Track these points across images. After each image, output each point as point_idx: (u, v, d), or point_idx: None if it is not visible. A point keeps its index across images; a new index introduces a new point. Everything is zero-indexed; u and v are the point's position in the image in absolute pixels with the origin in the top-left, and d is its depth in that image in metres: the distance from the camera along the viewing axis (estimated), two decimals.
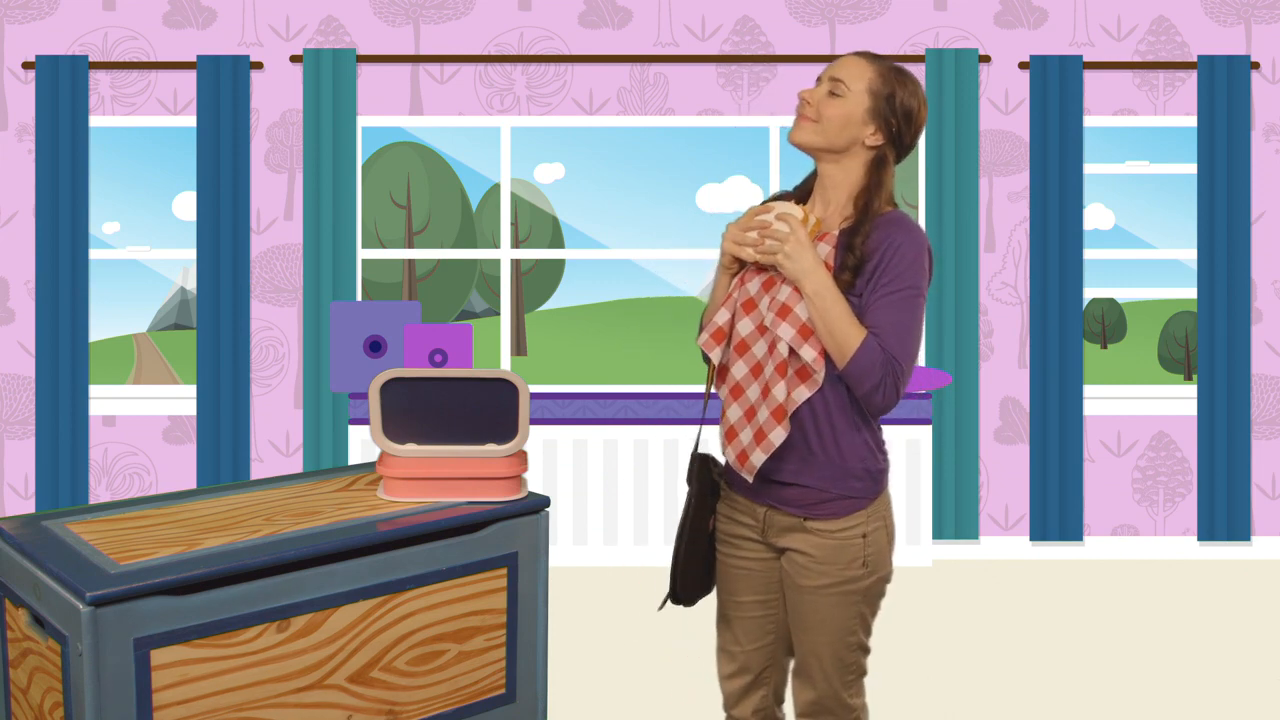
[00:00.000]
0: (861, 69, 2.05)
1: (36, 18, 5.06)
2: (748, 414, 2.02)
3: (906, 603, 4.37)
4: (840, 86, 2.03)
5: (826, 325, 1.94)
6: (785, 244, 1.96)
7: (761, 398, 2.00)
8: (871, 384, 1.94)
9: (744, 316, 2.05)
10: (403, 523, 2.00)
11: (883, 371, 1.94)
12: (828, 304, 1.94)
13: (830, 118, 2.03)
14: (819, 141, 2.04)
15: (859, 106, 2.03)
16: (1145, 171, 5.25)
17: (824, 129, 2.03)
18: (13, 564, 1.88)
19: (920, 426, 4.84)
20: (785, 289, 1.99)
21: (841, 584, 2.04)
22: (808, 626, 2.08)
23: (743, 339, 2.05)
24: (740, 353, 2.05)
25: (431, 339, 3.87)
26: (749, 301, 2.05)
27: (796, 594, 2.08)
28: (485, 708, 2.11)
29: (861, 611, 2.08)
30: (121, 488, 5.08)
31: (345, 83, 5.00)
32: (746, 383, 2.04)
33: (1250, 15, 5.07)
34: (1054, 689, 3.50)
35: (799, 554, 2.06)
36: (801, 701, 2.14)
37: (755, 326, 2.04)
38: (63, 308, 4.99)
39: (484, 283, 31.44)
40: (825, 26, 5.08)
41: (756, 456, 1.99)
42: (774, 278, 2.03)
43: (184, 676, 1.74)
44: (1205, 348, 5.00)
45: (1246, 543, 5.00)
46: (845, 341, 1.94)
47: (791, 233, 1.97)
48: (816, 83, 2.11)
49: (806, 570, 2.05)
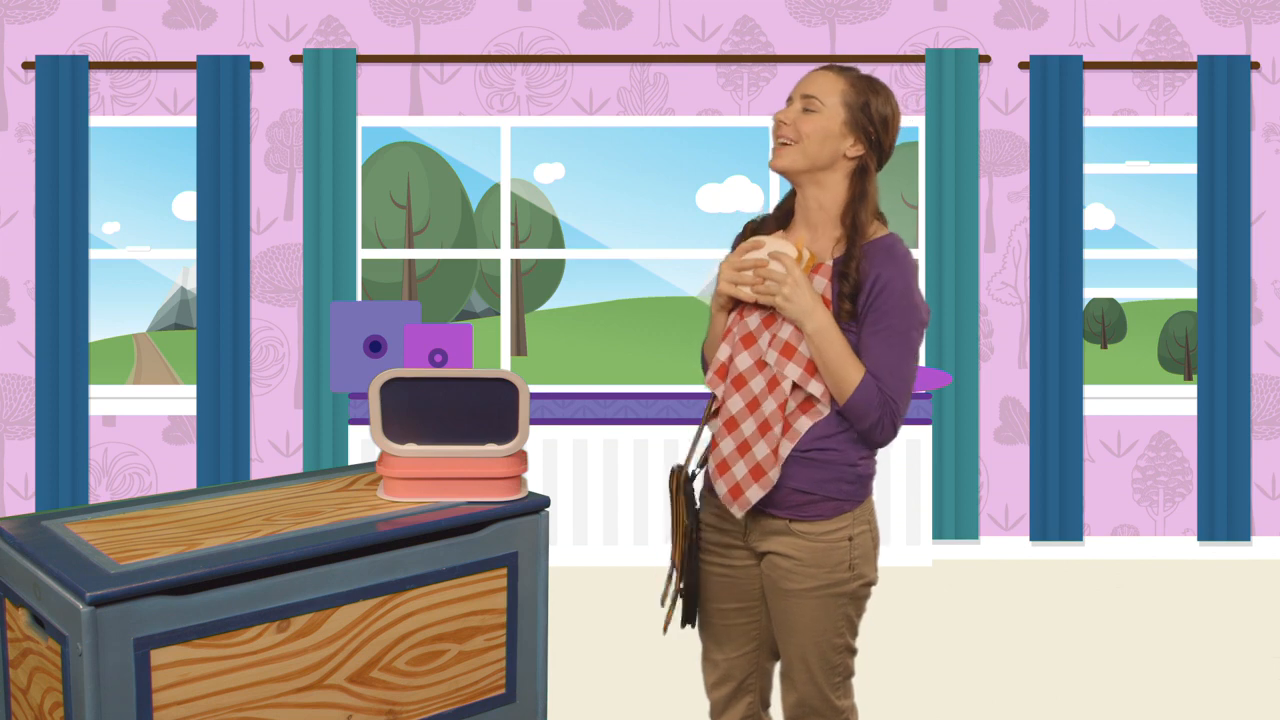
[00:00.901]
0: (832, 82, 2.05)
1: (36, 18, 5.06)
2: (741, 448, 2.02)
3: (906, 603, 4.37)
4: (814, 102, 2.03)
5: (826, 364, 1.98)
6: (784, 286, 1.97)
7: (759, 434, 2.01)
8: (871, 422, 1.99)
9: (742, 351, 2.06)
10: (403, 523, 2.00)
11: (880, 411, 1.98)
12: (828, 342, 1.97)
13: (810, 134, 2.02)
14: (802, 163, 2.04)
15: (836, 119, 2.03)
16: (1145, 171, 5.25)
17: (805, 148, 2.03)
18: (13, 564, 1.88)
19: (920, 426, 4.84)
20: (787, 327, 2.01)
21: (826, 587, 2.04)
22: (793, 630, 2.08)
23: (740, 374, 2.05)
24: (738, 387, 2.05)
25: (431, 339, 3.87)
26: (748, 336, 2.06)
27: (781, 598, 2.08)
28: (485, 708, 2.11)
29: (847, 614, 2.07)
30: (121, 488, 5.08)
31: (345, 83, 5.00)
32: (742, 417, 2.03)
33: (1250, 15, 5.07)
34: (1054, 689, 3.50)
35: (783, 557, 2.06)
36: (789, 705, 2.14)
37: (754, 362, 2.05)
38: (63, 308, 4.99)
39: (484, 283, 31.45)
40: (825, 26, 5.08)
41: (753, 492, 2.00)
42: (774, 315, 2.04)
43: (184, 676, 1.74)
44: (1205, 348, 5.00)
45: (1246, 543, 5.00)
46: (844, 380, 1.98)
47: (788, 273, 1.97)
48: (787, 103, 2.09)
49: (791, 574, 2.05)
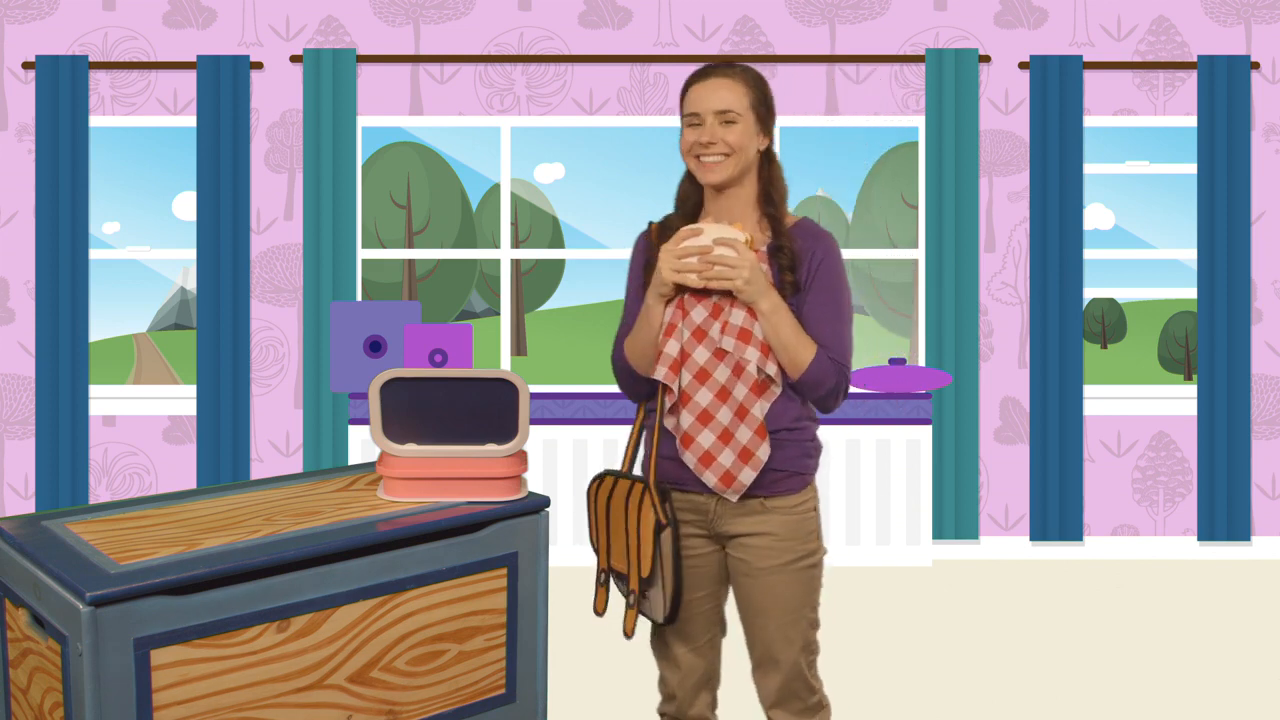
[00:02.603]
0: (738, 91, 2.11)
1: (36, 18, 5.06)
2: (723, 437, 2.06)
3: (906, 603, 4.37)
4: (731, 114, 2.09)
5: (783, 340, 2.05)
6: (741, 269, 2.01)
7: (738, 419, 2.06)
8: (828, 389, 2.08)
9: (697, 345, 2.08)
10: (403, 523, 2.00)
11: (836, 378, 2.08)
12: (783, 319, 2.05)
13: (739, 145, 2.10)
14: (737, 171, 2.12)
15: (750, 124, 2.12)
16: (1145, 171, 5.25)
17: (739, 158, 2.11)
18: (13, 564, 1.88)
19: (920, 426, 4.84)
20: (737, 313, 2.05)
21: (800, 559, 2.12)
22: (771, 610, 2.12)
23: (701, 367, 2.08)
24: (702, 380, 2.08)
25: (431, 339, 3.88)
26: (698, 330, 2.08)
27: (755, 579, 2.12)
28: (485, 708, 2.11)
29: (816, 585, 2.16)
30: (121, 488, 5.08)
31: (345, 83, 5.00)
32: (714, 408, 2.07)
33: (1250, 15, 5.07)
34: (1054, 689, 3.50)
35: (759, 535, 2.11)
36: (770, 690, 2.17)
37: (711, 353, 2.08)
38: (63, 308, 4.99)
39: (484, 283, 31.45)
40: (825, 26, 5.08)
41: (745, 474, 2.06)
42: (719, 303, 2.07)
43: (184, 676, 1.74)
44: (1205, 348, 5.00)
45: (1246, 543, 5.00)
46: (800, 353, 2.06)
47: (741, 257, 2.01)
48: (691, 123, 2.12)
49: (767, 551, 2.10)
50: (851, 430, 4.85)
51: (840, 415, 4.86)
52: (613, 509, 2.15)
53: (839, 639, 3.96)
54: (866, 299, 25.21)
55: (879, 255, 5.27)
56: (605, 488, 2.18)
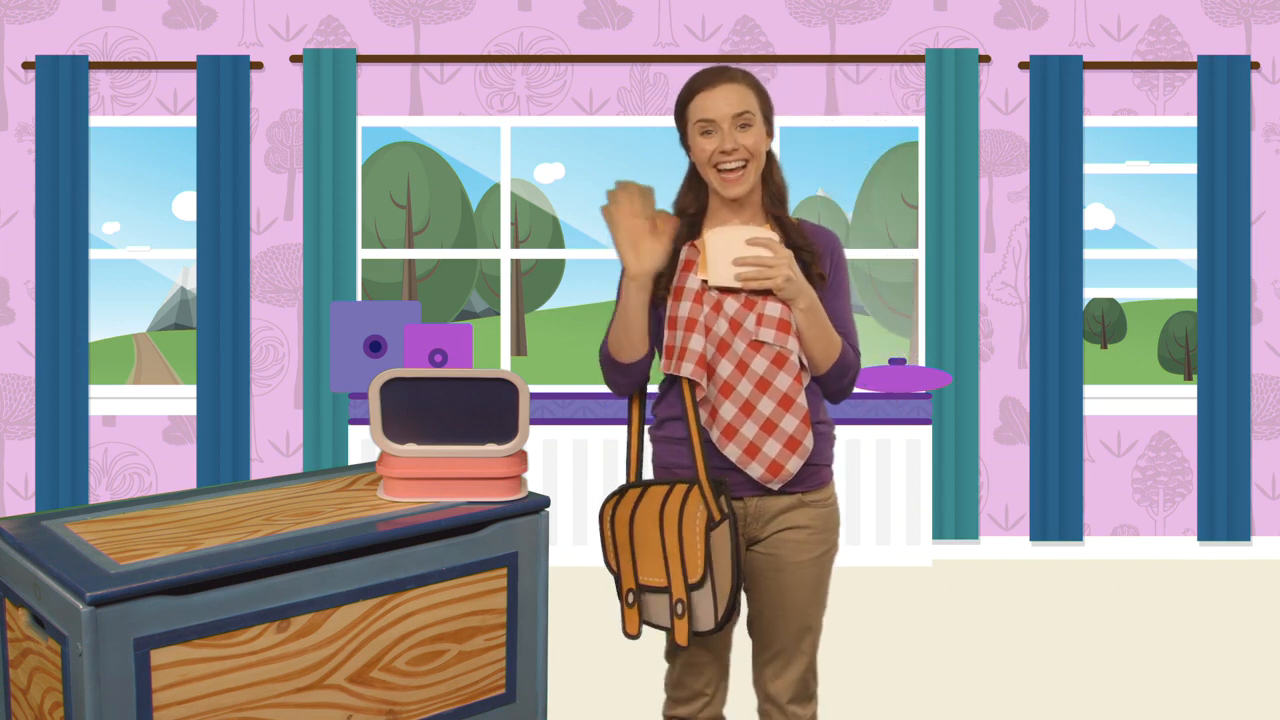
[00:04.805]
0: (746, 95, 2.08)
1: (36, 18, 5.06)
2: (766, 427, 2.05)
3: (906, 603, 4.37)
4: (747, 116, 2.07)
5: (822, 332, 2.07)
6: (781, 268, 2.01)
7: (782, 410, 2.05)
8: (849, 379, 2.13)
9: (734, 336, 2.06)
10: (403, 523, 2.00)
11: (855, 369, 2.15)
12: (821, 312, 2.07)
13: (757, 150, 2.09)
14: (757, 178, 2.11)
15: (762, 127, 2.10)
16: (1145, 171, 5.25)
17: (757, 164, 2.10)
18: (13, 564, 1.88)
19: (920, 426, 4.84)
20: (773, 305, 2.04)
21: (828, 552, 2.17)
22: (796, 603, 2.14)
23: (740, 358, 2.06)
24: (742, 371, 2.06)
25: (431, 339, 3.87)
26: (733, 321, 2.06)
27: (785, 573, 2.13)
28: (485, 708, 2.11)
29: (830, 573, 2.21)
30: (121, 488, 5.08)
31: (345, 83, 5.00)
32: (755, 399, 2.05)
33: (1250, 15, 5.07)
34: (1053, 689, 3.50)
35: (797, 529, 2.12)
36: (786, 684, 2.17)
37: (748, 344, 2.05)
38: (63, 308, 4.99)
39: (484, 283, 31.44)
40: (825, 26, 5.08)
41: (793, 463, 2.06)
42: (751, 298, 2.06)
43: (184, 676, 1.74)
44: (1205, 348, 5.00)
45: (1246, 543, 5.00)
46: (833, 345, 2.10)
47: (778, 256, 2.01)
48: (705, 130, 2.08)
49: (803, 545, 2.12)
50: (851, 430, 4.85)
51: (840, 415, 4.86)
52: (641, 521, 2.07)
53: (839, 639, 3.96)
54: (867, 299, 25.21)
55: (879, 255, 5.27)
56: (628, 501, 2.10)
